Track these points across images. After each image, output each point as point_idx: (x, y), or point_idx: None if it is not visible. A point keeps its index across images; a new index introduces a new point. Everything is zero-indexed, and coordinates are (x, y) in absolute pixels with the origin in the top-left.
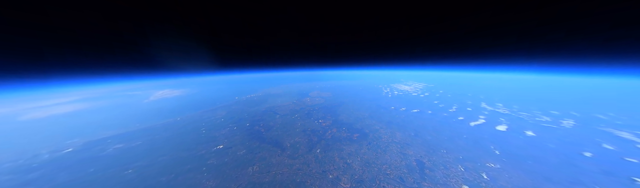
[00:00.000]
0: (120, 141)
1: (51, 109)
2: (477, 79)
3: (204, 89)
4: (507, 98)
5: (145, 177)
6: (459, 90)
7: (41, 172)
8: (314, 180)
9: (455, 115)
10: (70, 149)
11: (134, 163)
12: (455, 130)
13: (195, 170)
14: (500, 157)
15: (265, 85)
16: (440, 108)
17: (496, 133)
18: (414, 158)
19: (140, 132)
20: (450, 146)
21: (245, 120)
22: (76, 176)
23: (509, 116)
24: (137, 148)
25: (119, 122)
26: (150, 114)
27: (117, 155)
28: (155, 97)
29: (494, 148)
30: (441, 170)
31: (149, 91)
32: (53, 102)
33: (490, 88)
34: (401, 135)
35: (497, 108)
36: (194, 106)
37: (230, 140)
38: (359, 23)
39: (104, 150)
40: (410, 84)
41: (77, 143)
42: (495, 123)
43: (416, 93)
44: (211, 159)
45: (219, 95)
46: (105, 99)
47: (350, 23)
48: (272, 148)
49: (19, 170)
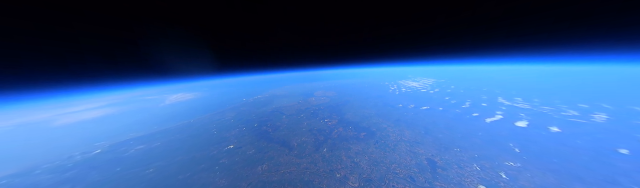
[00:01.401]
0: (141, 143)
1: (79, 115)
2: (492, 72)
3: (213, 91)
4: (527, 92)
5: (165, 175)
6: (473, 84)
7: (75, 171)
8: (321, 179)
9: (469, 111)
10: (98, 150)
11: (154, 163)
12: (469, 127)
13: (208, 169)
14: (521, 155)
15: (271, 87)
16: (452, 104)
17: (515, 130)
18: (425, 157)
19: (158, 134)
20: (465, 144)
21: (253, 121)
22: (105, 175)
23: (529, 111)
24: (156, 149)
25: (139, 125)
26: (166, 117)
27: (139, 156)
28: (170, 101)
29: (513, 145)
30: (455, 169)
31: (164, 95)
32: (80, 108)
33: (507, 81)
34: (410, 133)
35: (515, 103)
36: (205, 108)
37: (240, 140)
38: (359, 23)
39: (128, 151)
40: (418, 80)
41: (104, 145)
42: (515, 119)
43: (425, 89)
44: (223, 159)
45: (228, 98)
46: (125, 104)
47: (351, 23)
48: (279, 147)
49: (56, 170)
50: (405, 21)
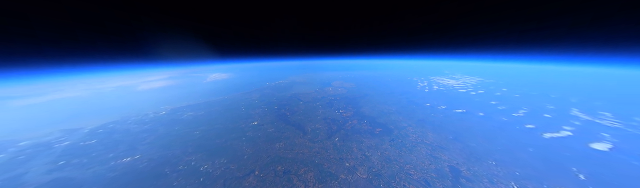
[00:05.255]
0: (191, 110)
1: (152, 83)
2: (570, 75)
3: (243, 74)
4: (624, 106)
5: (207, 138)
6: (535, 89)
7: (150, 125)
8: (331, 164)
9: (522, 121)
10: (163, 112)
11: (199, 127)
12: (516, 140)
13: (238, 138)
14: (585, 184)
15: (292, 73)
16: (498, 110)
17: (588, 153)
18: (448, 164)
19: (203, 104)
20: (504, 158)
21: (274, 103)
22: (169, 130)
23: (620, 131)
24: (201, 116)
25: (189, 96)
26: (208, 92)
27: (190, 120)
28: (211, 79)
29: (577, 170)
30: (484, 183)
31: (206, 74)
32: (152, 79)
33: (594, 89)
34: (434, 137)
35: (598, 119)
36: (236, 88)
37: (263, 119)
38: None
39: (182, 115)
40: (457, 77)
41: (167, 108)
42: (590, 139)
43: (465, 89)
44: (249, 132)
45: (255, 80)
46: (180, 78)
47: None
48: (295, 130)
49: (139, 122)
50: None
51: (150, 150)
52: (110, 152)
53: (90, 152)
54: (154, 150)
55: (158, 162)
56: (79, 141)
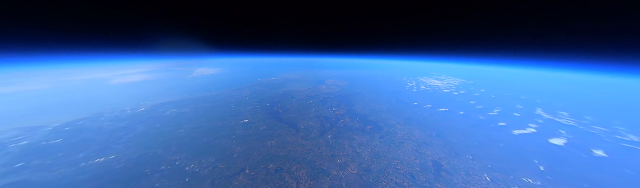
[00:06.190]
0: (175, 106)
1: (128, 77)
2: (540, 79)
3: (233, 69)
4: (579, 106)
5: (193, 136)
6: (509, 91)
7: (127, 122)
8: (323, 161)
9: (495, 119)
10: (143, 108)
11: (184, 125)
12: (490, 136)
13: (227, 137)
14: (544, 174)
15: (284, 70)
16: (476, 109)
17: (547, 147)
18: (431, 158)
19: (187, 101)
20: (479, 153)
21: (265, 100)
22: (149, 128)
23: (573, 129)
24: (186, 113)
25: (173, 92)
26: (194, 87)
27: (173, 117)
28: (197, 74)
29: (538, 163)
30: (461, 175)
31: (191, 68)
32: (129, 72)
33: (557, 92)
34: (420, 134)
35: (558, 118)
36: (225, 84)
37: (254, 116)
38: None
39: (165, 112)
40: (442, 78)
41: (147, 105)
42: (550, 135)
43: (448, 90)
44: (239, 130)
45: (245, 76)
46: (161, 72)
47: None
48: (288, 128)
49: (114, 119)
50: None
51: (127, 150)
52: (79, 152)
53: (54, 152)
54: (132, 150)
55: (137, 162)
56: (41, 140)
